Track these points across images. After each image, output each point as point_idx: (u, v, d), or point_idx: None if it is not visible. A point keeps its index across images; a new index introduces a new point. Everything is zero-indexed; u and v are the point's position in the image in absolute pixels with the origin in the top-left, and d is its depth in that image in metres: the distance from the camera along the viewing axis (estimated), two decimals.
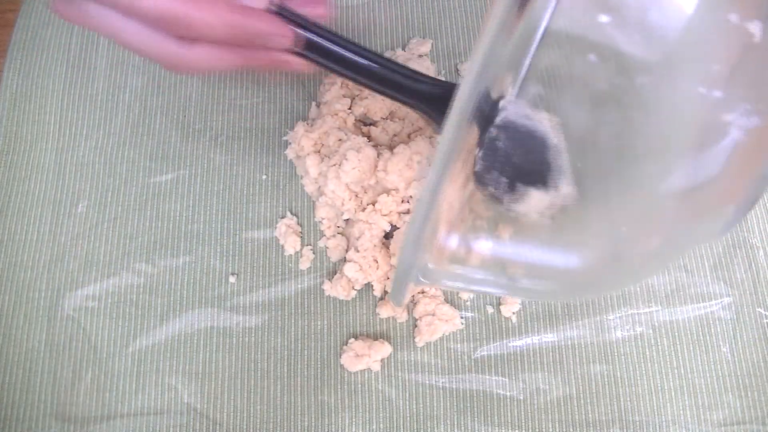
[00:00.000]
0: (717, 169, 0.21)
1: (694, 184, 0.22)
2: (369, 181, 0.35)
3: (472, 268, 0.24)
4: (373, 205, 0.36)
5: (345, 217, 0.37)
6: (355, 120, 0.39)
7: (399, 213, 0.36)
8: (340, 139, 0.36)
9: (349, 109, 0.39)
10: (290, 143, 0.38)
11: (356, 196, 0.36)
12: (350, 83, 0.40)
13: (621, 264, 0.23)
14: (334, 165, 0.35)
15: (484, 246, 0.23)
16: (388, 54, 0.42)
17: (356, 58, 0.30)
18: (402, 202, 0.36)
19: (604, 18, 0.19)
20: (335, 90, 0.39)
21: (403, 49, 0.42)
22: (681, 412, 0.35)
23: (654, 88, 0.21)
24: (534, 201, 0.30)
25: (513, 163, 0.31)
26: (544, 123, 0.31)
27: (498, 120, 0.30)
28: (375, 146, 0.36)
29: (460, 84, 0.30)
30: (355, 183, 0.35)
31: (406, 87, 0.31)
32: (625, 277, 0.27)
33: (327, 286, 0.36)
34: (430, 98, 0.31)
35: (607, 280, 0.25)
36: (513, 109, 0.30)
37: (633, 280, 0.33)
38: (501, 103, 0.30)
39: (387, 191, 0.35)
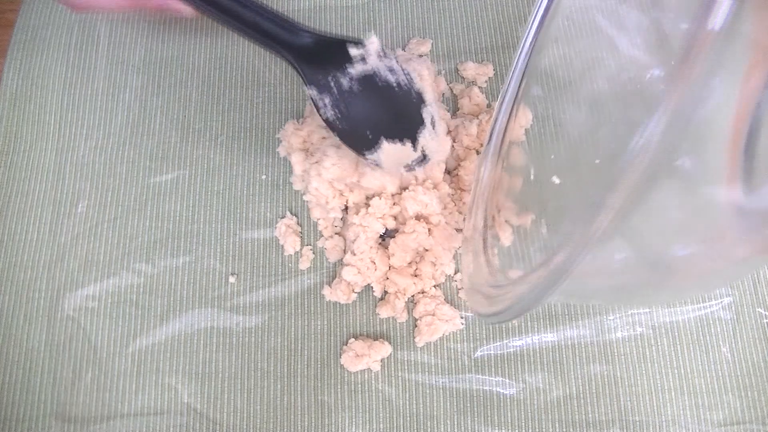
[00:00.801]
0: None
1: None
2: (351, 178, 0.35)
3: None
4: (366, 207, 0.36)
5: (331, 215, 0.37)
6: None
7: (392, 215, 0.36)
8: (323, 137, 0.37)
9: None
10: (281, 141, 0.39)
11: (341, 194, 0.36)
12: None
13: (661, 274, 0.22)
14: (316, 162, 0.35)
15: None
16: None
17: (233, 4, 0.31)
18: (393, 204, 0.36)
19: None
20: None
21: (403, 49, 0.42)
22: (681, 412, 0.35)
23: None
24: (388, 153, 0.32)
25: (374, 115, 0.32)
26: (413, 78, 0.33)
27: (357, 71, 0.32)
28: None
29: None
30: (337, 180, 0.35)
31: (280, 37, 0.32)
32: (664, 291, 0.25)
33: (327, 291, 0.36)
34: (301, 50, 0.32)
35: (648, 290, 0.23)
36: (375, 63, 0.32)
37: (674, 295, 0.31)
38: (361, 54, 0.32)
39: (373, 192, 0.36)
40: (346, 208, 0.37)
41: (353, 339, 0.36)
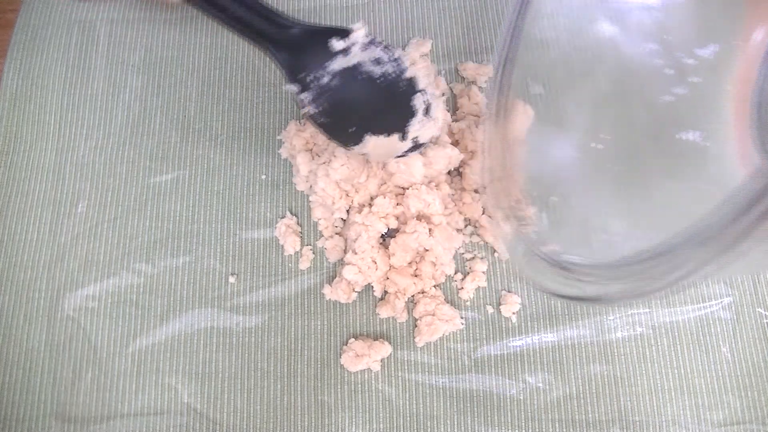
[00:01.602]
0: None
1: None
2: (359, 179, 0.35)
3: None
4: (369, 206, 0.36)
5: (336, 215, 0.37)
6: None
7: (395, 215, 0.36)
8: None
9: None
10: (283, 142, 0.39)
11: (346, 194, 0.36)
12: None
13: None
14: (324, 163, 0.35)
15: None
16: None
17: None
18: (397, 204, 0.36)
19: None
20: None
21: (403, 49, 0.42)
22: (681, 412, 0.35)
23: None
24: (375, 146, 0.32)
25: (357, 110, 0.32)
26: (402, 66, 0.32)
27: (339, 65, 0.31)
28: None
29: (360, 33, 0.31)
30: (344, 181, 0.35)
31: (260, 28, 0.30)
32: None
33: (327, 290, 0.36)
34: (284, 43, 0.30)
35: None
36: (359, 55, 0.31)
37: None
38: (345, 46, 0.31)
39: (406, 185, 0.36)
40: (349, 208, 0.37)
41: (353, 339, 0.36)
